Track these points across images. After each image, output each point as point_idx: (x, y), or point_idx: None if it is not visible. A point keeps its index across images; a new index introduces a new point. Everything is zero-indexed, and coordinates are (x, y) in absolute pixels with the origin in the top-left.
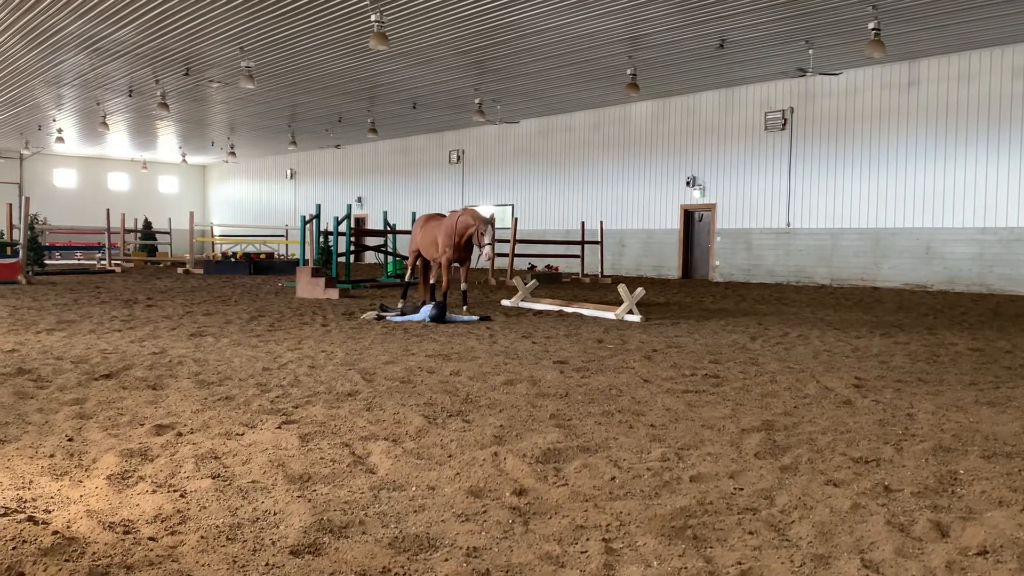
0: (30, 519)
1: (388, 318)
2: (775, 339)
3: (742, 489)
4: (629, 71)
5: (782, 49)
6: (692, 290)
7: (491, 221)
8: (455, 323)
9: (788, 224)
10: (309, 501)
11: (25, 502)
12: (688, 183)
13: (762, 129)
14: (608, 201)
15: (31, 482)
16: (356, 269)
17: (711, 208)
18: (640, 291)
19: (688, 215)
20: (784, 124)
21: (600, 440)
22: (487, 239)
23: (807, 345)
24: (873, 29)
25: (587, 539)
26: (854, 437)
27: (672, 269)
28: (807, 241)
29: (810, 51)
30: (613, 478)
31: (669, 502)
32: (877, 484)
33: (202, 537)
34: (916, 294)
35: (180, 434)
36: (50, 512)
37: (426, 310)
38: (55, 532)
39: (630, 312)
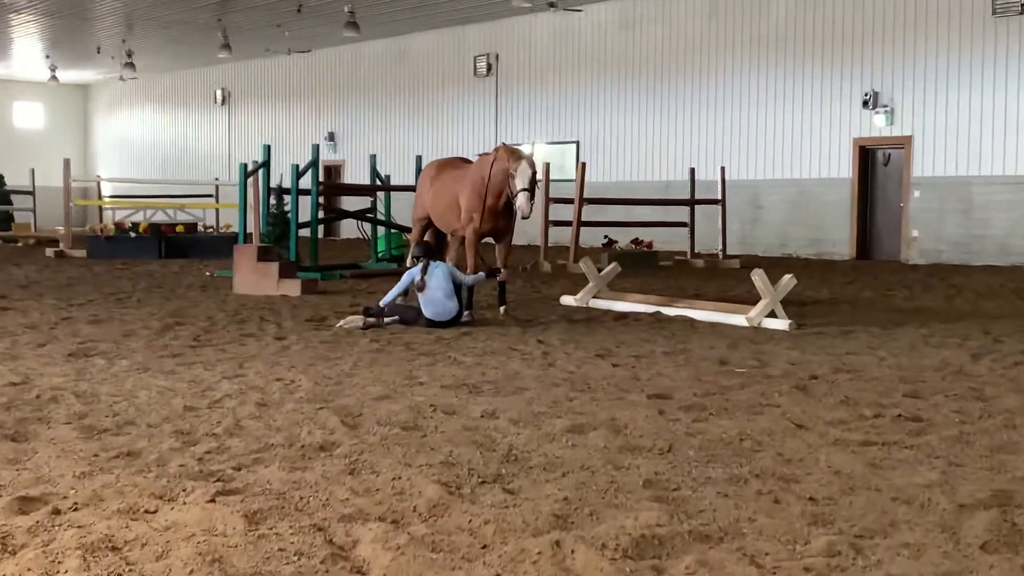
0: None
1: (383, 323)
2: (1013, 357)
3: None
4: None
5: None
6: (873, 278)
7: (529, 158)
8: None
9: None
10: None
11: None
12: (866, 103)
13: (988, 13)
14: (733, 135)
15: None
16: (328, 248)
17: (904, 144)
18: (788, 280)
19: (866, 156)
20: None
21: (727, 522)
22: (521, 181)
23: None
24: None
25: None
26: None
27: (840, 244)
28: None
29: None
30: None
31: None
32: None
33: None
34: None
35: (58, 512)
36: None
37: (435, 305)
38: None
39: (772, 315)
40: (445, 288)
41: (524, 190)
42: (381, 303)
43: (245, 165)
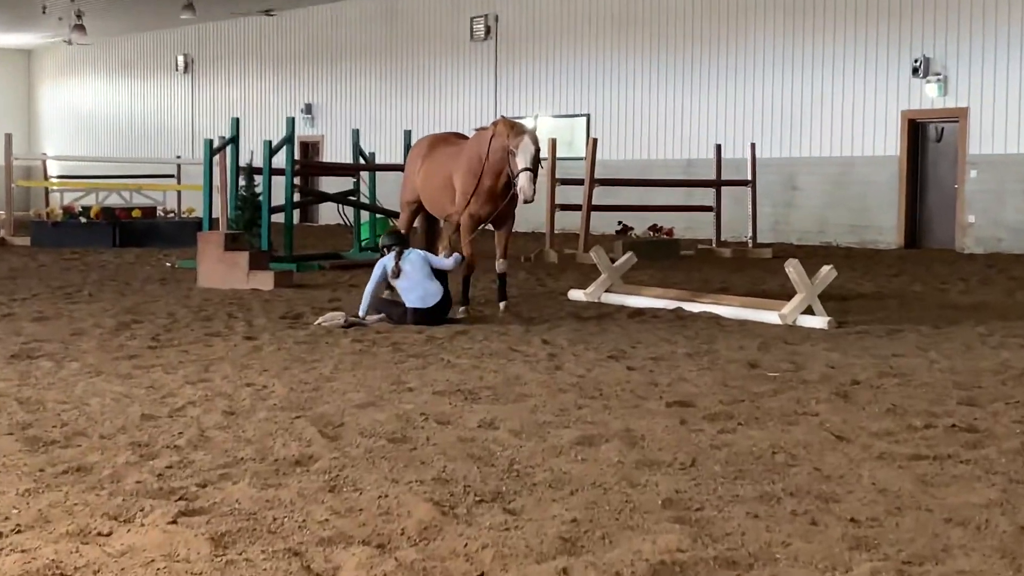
0: None
1: (368, 322)
2: None
3: None
4: None
5: None
6: (924, 269)
7: (531, 133)
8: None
9: None
10: None
11: None
12: (916, 70)
13: None
14: (764, 107)
15: None
16: (305, 236)
17: (958, 116)
18: (827, 272)
19: (916, 130)
20: None
21: (757, 547)
22: (523, 160)
23: None
24: None
25: None
26: None
27: (886, 231)
28: None
29: None
30: None
31: None
32: None
33: None
34: None
35: None
36: None
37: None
38: None
39: (809, 312)
40: (423, 270)
41: (526, 170)
42: (360, 312)
43: (211, 141)
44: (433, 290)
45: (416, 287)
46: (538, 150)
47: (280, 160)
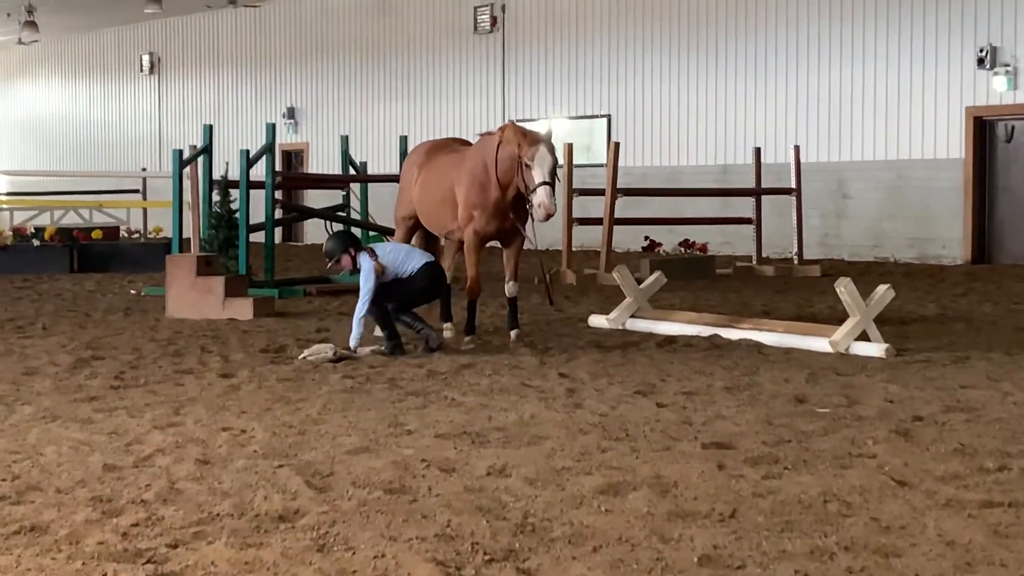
0: None
1: (360, 355)
2: None
3: None
4: None
5: None
6: (995, 288)
7: (547, 141)
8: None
9: None
10: None
11: None
12: (981, 60)
13: None
14: (810, 106)
15: None
16: (288, 257)
17: None
18: (885, 292)
19: (983, 129)
20: None
21: None
22: (540, 172)
23: None
24: None
25: None
26: None
27: (951, 244)
28: None
29: None
30: None
31: None
32: None
33: None
34: None
35: None
36: None
37: None
38: None
39: (863, 338)
40: (400, 247)
41: (545, 183)
42: (351, 343)
43: (180, 152)
44: (428, 256)
45: (409, 258)
46: (556, 160)
47: (259, 172)
